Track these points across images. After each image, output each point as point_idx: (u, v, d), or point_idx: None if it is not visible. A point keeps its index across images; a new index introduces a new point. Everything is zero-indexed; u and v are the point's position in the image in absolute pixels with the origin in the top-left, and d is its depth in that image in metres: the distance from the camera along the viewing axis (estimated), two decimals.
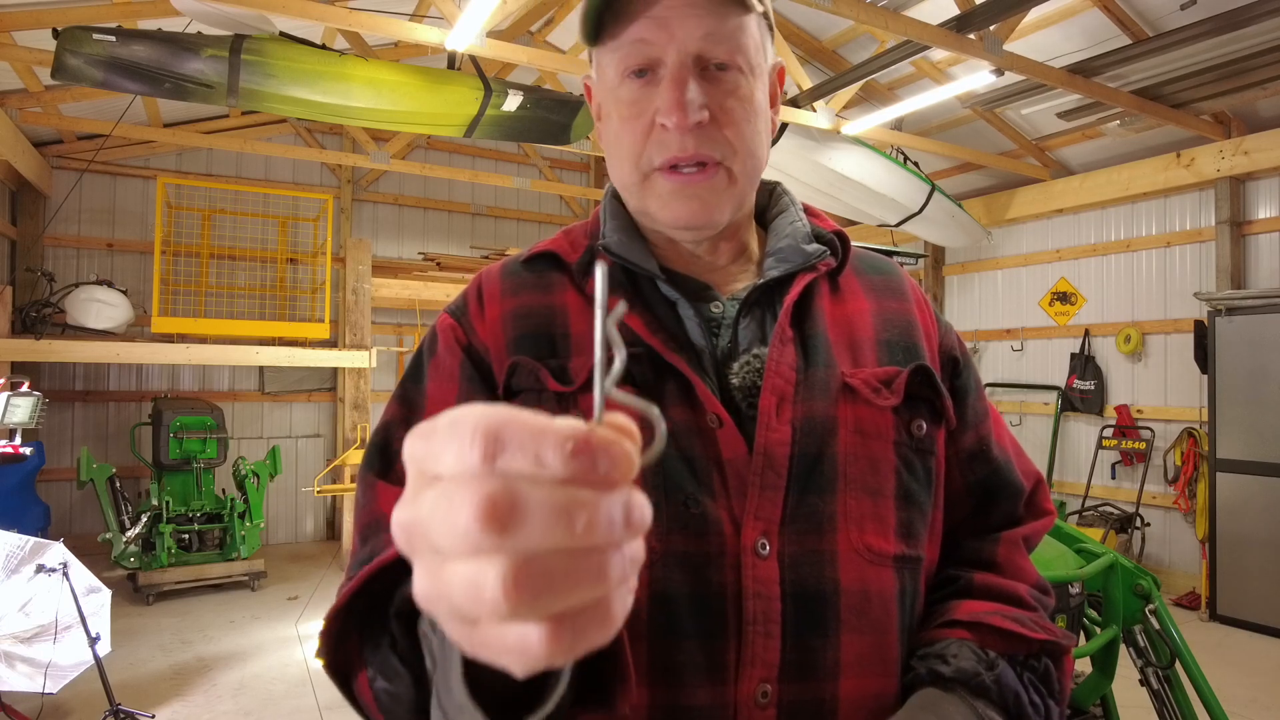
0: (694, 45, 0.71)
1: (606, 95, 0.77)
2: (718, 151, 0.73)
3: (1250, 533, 5.11)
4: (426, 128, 5.28)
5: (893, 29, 4.16)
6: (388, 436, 0.75)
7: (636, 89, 0.73)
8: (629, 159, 0.75)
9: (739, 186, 0.76)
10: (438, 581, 0.30)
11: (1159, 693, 2.40)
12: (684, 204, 0.74)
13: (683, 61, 0.71)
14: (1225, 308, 5.28)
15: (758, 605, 0.68)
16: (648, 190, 0.76)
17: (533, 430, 0.29)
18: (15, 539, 3.26)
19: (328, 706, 3.82)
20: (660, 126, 0.72)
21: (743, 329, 0.77)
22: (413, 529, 0.31)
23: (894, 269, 0.89)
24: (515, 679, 0.41)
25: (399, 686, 0.53)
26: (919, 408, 0.78)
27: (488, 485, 0.28)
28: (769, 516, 0.70)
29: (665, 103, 0.71)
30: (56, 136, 6.59)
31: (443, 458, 0.30)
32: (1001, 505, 0.83)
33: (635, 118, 0.74)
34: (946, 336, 0.86)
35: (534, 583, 0.29)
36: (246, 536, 5.68)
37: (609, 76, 0.76)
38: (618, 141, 0.76)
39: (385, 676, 0.53)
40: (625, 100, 0.74)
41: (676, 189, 0.74)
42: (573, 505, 0.29)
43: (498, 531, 0.28)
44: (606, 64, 0.76)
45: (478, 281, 0.82)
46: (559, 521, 0.28)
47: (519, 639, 0.30)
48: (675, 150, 0.72)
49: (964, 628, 0.74)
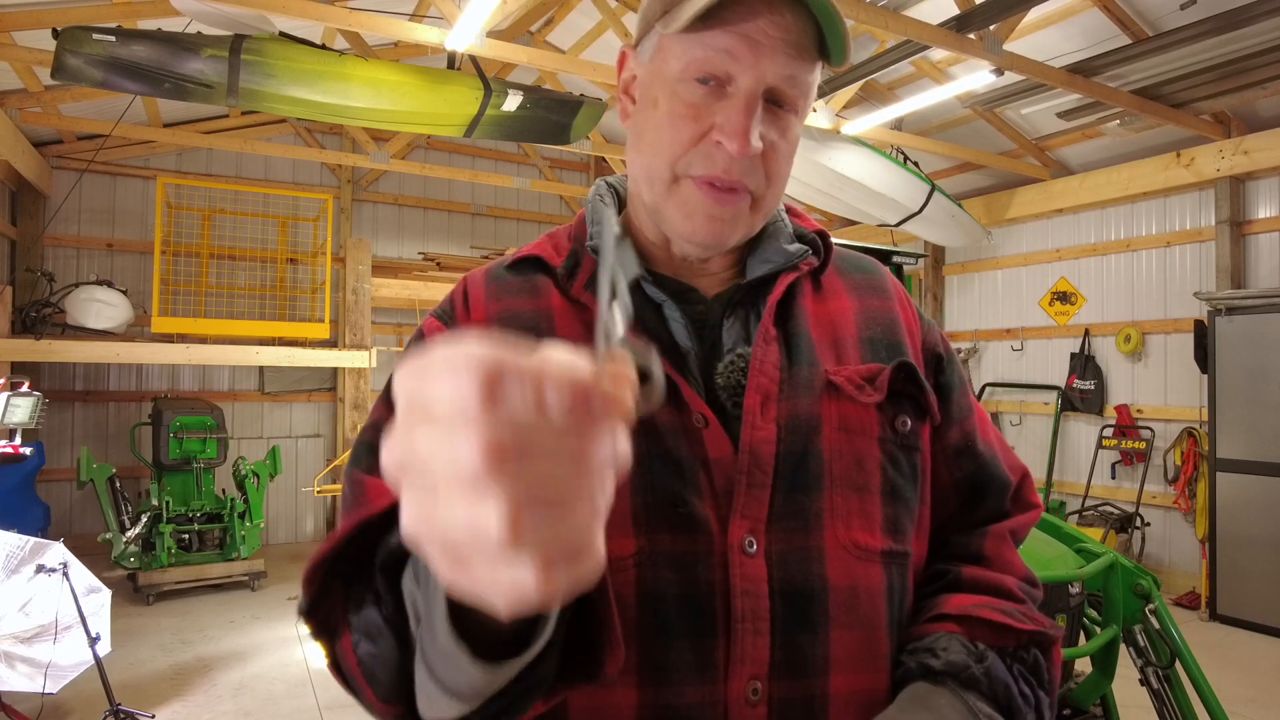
0: (773, 79, 0.70)
1: (660, 84, 0.74)
2: (753, 182, 0.73)
3: (1250, 533, 5.11)
4: (426, 128, 5.28)
5: (893, 29, 4.16)
6: (378, 434, 0.74)
7: (701, 94, 0.72)
8: (665, 156, 0.74)
9: (757, 216, 0.77)
10: (432, 518, 0.31)
11: (1159, 692, 2.40)
12: (705, 223, 0.74)
13: (758, 91, 0.70)
14: (1225, 307, 5.28)
15: (746, 603, 0.68)
16: (674, 193, 0.75)
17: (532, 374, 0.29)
18: (15, 539, 3.26)
19: (328, 706, 3.82)
20: (715, 143, 0.71)
21: (726, 329, 0.78)
22: (407, 465, 0.31)
23: (876, 268, 0.90)
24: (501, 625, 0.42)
25: (382, 646, 0.53)
26: (903, 404, 0.78)
27: (490, 428, 0.29)
28: (756, 515, 0.70)
29: (732, 125, 0.70)
30: (56, 136, 6.60)
31: (440, 396, 0.30)
32: (988, 500, 0.84)
33: (691, 120, 0.72)
34: (929, 334, 0.86)
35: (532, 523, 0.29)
36: (246, 536, 5.68)
37: (671, 66, 0.73)
38: (658, 134, 0.74)
39: (369, 637, 0.53)
40: (684, 99, 0.72)
41: (704, 204, 0.73)
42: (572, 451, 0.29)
43: (499, 473, 0.28)
44: (674, 54, 0.73)
45: (463, 286, 0.82)
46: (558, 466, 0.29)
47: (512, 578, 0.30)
48: (721, 170, 0.72)
49: (953, 621, 0.74)
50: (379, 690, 0.55)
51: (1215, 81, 5.04)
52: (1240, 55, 4.81)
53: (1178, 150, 5.81)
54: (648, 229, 0.81)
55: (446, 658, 0.43)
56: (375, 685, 0.55)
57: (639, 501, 0.69)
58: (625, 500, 0.69)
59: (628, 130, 0.80)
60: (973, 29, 4.30)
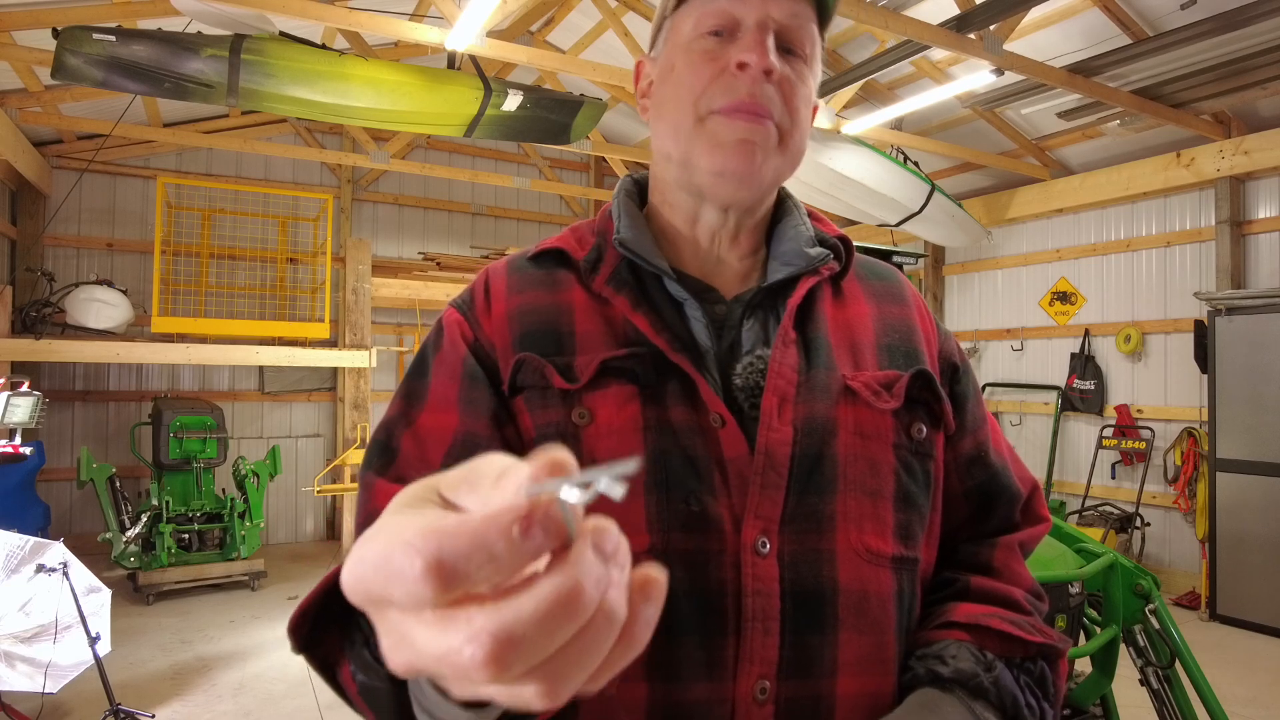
0: (779, 15, 0.75)
1: (677, 52, 0.78)
2: (777, 111, 0.75)
3: (1250, 532, 5.11)
4: (426, 127, 5.28)
5: (893, 28, 4.16)
6: (390, 434, 0.75)
7: (714, 43, 0.75)
8: (688, 100, 0.75)
9: (784, 156, 0.77)
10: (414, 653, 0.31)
11: (1159, 692, 2.40)
12: (735, 148, 0.74)
13: (765, 25, 0.74)
14: (1225, 307, 5.28)
15: (757, 603, 0.68)
16: (699, 133, 0.75)
17: (469, 537, 0.28)
18: (15, 539, 3.25)
19: (328, 706, 3.82)
20: (733, 72, 0.74)
21: (746, 330, 0.78)
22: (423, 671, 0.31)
23: (896, 275, 0.90)
24: None
25: (375, 680, 0.53)
26: (918, 411, 0.79)
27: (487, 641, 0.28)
28: (769, 515, 0.70)
29: (747, 45, 0.73)
30: (56, 136, 6.60)
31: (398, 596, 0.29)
32: (999, 510, 0.84)
33: (707, 63, 0.75)
34: (946, 343, 0.87)
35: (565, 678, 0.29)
36: (246, 536, 5.68)
37: (684, 33, 0.77)
38: (678, 88, 0.76)
39: (363, 671, 0.54)
40: (699, 50, 0.76)
41: (733, 128, 0.74)
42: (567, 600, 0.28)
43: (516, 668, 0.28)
44: (684, 21, 0.77)
45: (484, 277, 0.82)
46: (564, 624, 0.28)
47: (522, 701, 0.30)
48: (744, 93, 0.73)
49: (962, 629, 0.74)
50: (382, 717, 0.55)
51: (1215, 81, 5.04)
52: (1240, 55, 4.81)
53: (1178, 150, 5.81)
54: (676, 215, 0.82)
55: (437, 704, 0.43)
56: (378, 712, 0.55)
57: (652, 499, 0.70)
58: (639, 497, 0.70)
59: (649, 122, 0.82)
60: (973, 29, 4.30)
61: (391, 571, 0.29)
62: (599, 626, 0.29)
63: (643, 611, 0.31)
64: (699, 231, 0.81)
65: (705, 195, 0.78)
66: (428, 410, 0.74)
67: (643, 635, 0.31)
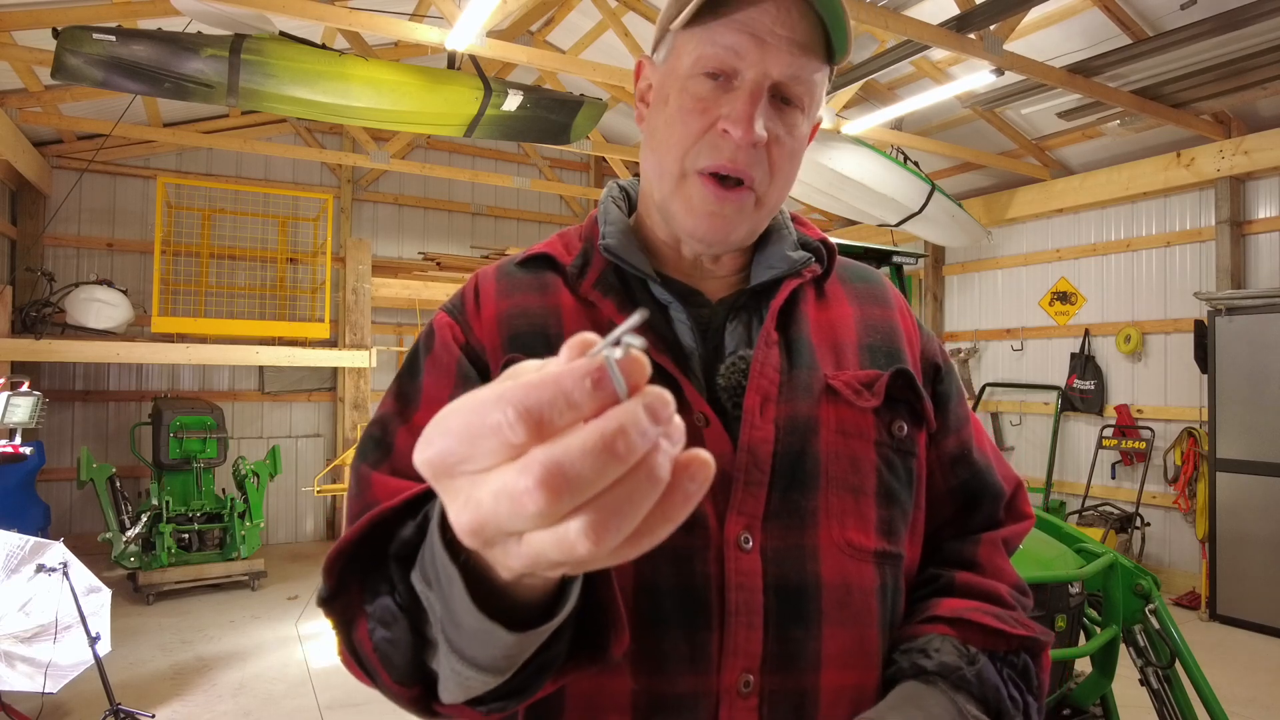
0: (778, 75, 0.73)
1: (672, 81, 0.77)
2: (758, 173, 0.75)
3: (1250, 533, 5.11)
4: (426, 127, 5.28)
5: (893, 29, 4.15)
6: (385, 429, 0.76)
7: (708, 88, 0.75)
8: (675, 150, 0.76)
9: (761, 213, 0.79)
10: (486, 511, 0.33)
11: (1159, 692, 2.40)
12: (708, 219, 0.76)
13: (762, 84, 0.73)
14: (1225, 307, 5.28)
15: (740, 597, 0.70)
16: (680, 189, 0.77)
17: (552, 387, 0.32)
18: (15, 539, 3.26)
19: (328, 706, 3.82)
20: (720, 132, 0.74)
21: (729, 332, 0.80)
22: (484, 524, 0.34)
23: (878, 278, 0.92)
24: (524, 603, 0.45)
25: (397, 631, 0.55)
26: (899, 409, 0.80)
27: (539, 469, 0.31)
28: (752, 512, 0.72)
29: (736, 112, 0.73)
30: (56, 136, 6.60)
31: (481, 452, 0.33)
32: (983, 508, 0.86)
33: (698, 114, 0.75)
34: (929, 344, 0.89)
35: (607, 523, 0.31)
36: (246, 536, 5.68)
37: (683, 63, 0.76)
38: (669, 129, 0.77)
39: (384, 624, 0.55)
40: (693, 93, 0.75)
41: (707, 199, 0.75)
42: (611, 440, 0.31)
43: (564, 501, 0.31)
44: (686, 50, 0.76)
45: (474, 281, 0.84)
46: (607, 462, 0.31)
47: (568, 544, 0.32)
48: (725, 158, 0.74)
49: (946, 623, 0.76)
50: (394, 674, 0.57)
51: (1215, 81, 5.04)
52: (1240, 55, 4.81)
53: (1178, 150, 5.81)
54: (659, 229, 0.83)
55: (477, 636, 0.46)
56: (391, 669, 0.57)
57: None
58: None
59: (642, 132, 0.83)
60: (973, 29, 4.30)
61: (484, 426, 0.32)
62: (641, 477, 0.32)
63: (685, 485, 0.34)
64: (683, 250, 0.83)
65: (683, 240, 0.81)
66: (423, 409, 0.75)
67: (680, 509, 0.34)
